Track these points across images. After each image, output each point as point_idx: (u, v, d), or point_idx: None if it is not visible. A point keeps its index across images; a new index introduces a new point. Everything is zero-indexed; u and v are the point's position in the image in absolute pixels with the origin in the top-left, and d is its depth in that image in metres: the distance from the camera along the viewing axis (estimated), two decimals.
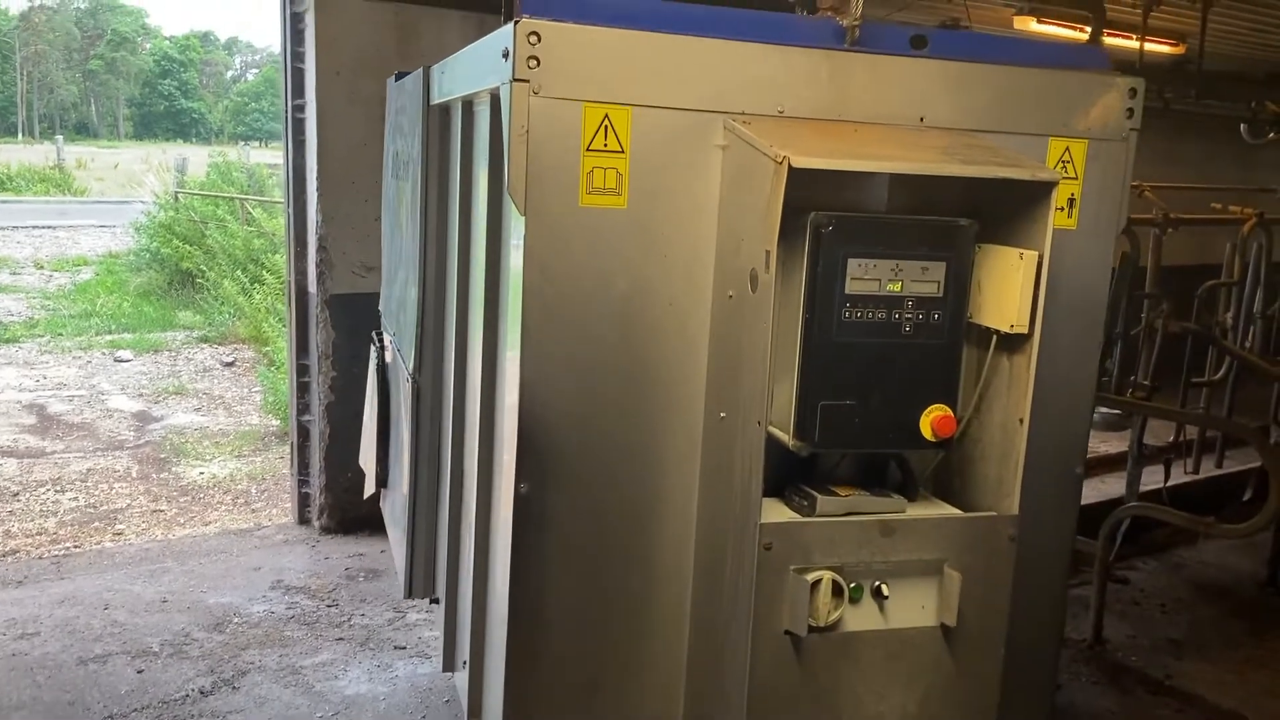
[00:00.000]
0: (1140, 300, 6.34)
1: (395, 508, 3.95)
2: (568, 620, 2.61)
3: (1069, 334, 2.88)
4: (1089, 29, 6.08)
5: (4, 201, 28.19)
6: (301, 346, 6.54)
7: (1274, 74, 8.34)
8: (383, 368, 4.24)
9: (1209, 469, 7.50)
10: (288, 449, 7.66)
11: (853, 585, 2.38)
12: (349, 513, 6.53)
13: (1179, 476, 7.18)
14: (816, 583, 2.33)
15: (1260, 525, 4.78)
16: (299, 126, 6.25)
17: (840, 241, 2.29)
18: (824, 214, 2.29)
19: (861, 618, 2.42)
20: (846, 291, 2.30)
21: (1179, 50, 7.06)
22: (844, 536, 2.38)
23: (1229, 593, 6.08)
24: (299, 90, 6.21)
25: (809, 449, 2.37)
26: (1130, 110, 2.79)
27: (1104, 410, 7.18)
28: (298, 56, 6.18)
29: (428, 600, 3.72)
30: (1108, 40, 6.13)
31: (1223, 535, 4.97)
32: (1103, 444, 7.84)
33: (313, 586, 5.72)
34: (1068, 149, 2.76)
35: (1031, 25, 6.38)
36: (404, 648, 5.05)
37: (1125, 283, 6.26)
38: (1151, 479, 6.78)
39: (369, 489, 4.21)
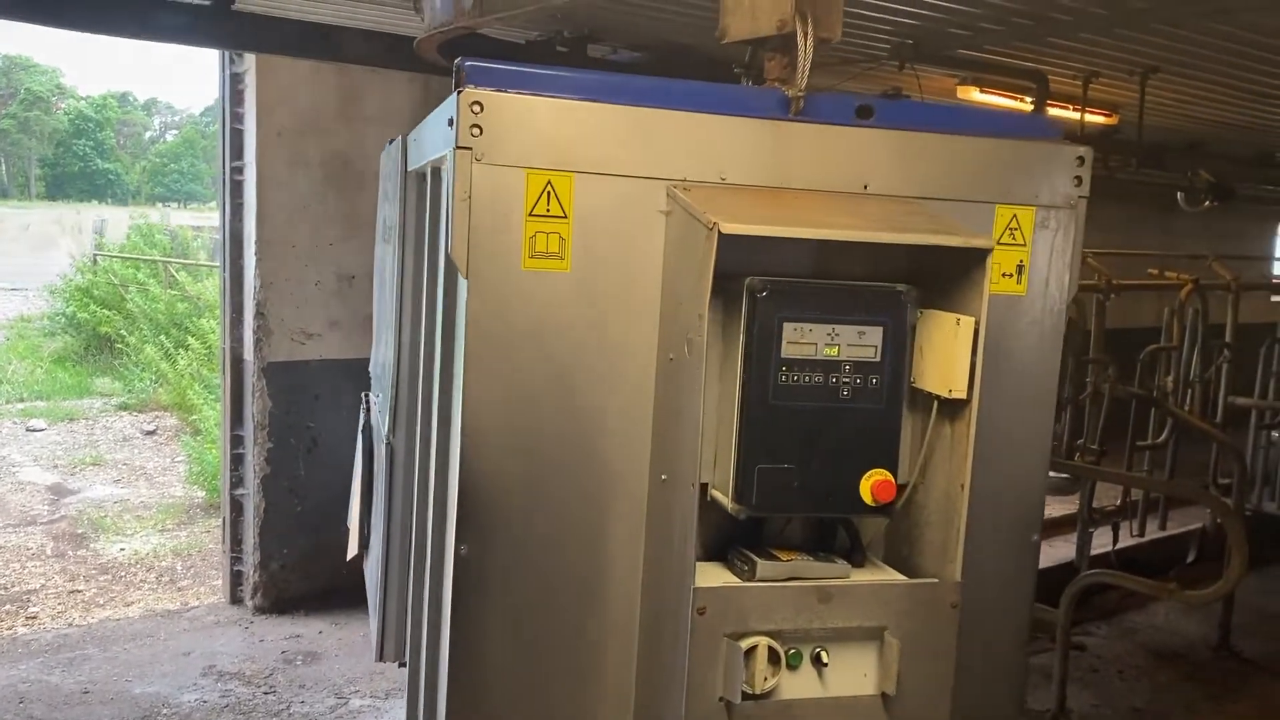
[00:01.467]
0: (1086, 365, 6.41)
1: (372, 570, 3.87)
2: (510, 686, 2.56)
3: (1020, 400, 2.85)
4: (1032, 100, 6.20)
5: None
6: (236, 416, 6.26)
7: (1198, 144, 8.62)
8: (368, 429, 4.20)
9: (1153, 531, 7.55)
10: (215, 523, 7.32)
11: (791, 652, 2.36)
12: (285, 591, 6.22)
13: (1124, 539, 7.22)
14: (752, 649, 2.32)
15: (1224, 591, 4.78)
16: (237, 189, 6.05)
17: (775, 306, 2.32)
18: (759, 279, 2.33)
19: (800, 685, 2.39)
20: (783, 355, 2.33)
21: (1112, 121, 7.25)
22: (780, 602, 2.37)
23: (1183, 657, 6.08)
24: (238, 152, 6.02)
25: (746, 512, 2.36)
26: (1078, 178, 2.81)
27: (1052, 474, 7.22)
28: (237, 117, 6.00)
29: (397, 664, 3.64)
30: (1049, 111, 6.24)
31: (1186, 601, 4.96)
32: (1047, 507, 7.84)
33: (247, 672, 5.40)
34: (1015, 216, 2.77)
35: (974, 95, 6.49)
36: None
37: (1072, 348, 6.33)
38: (1098, 541, 6.81)
39: (351, 550, 4.14)
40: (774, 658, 2.33)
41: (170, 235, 18.22)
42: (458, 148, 2.34)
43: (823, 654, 2.37)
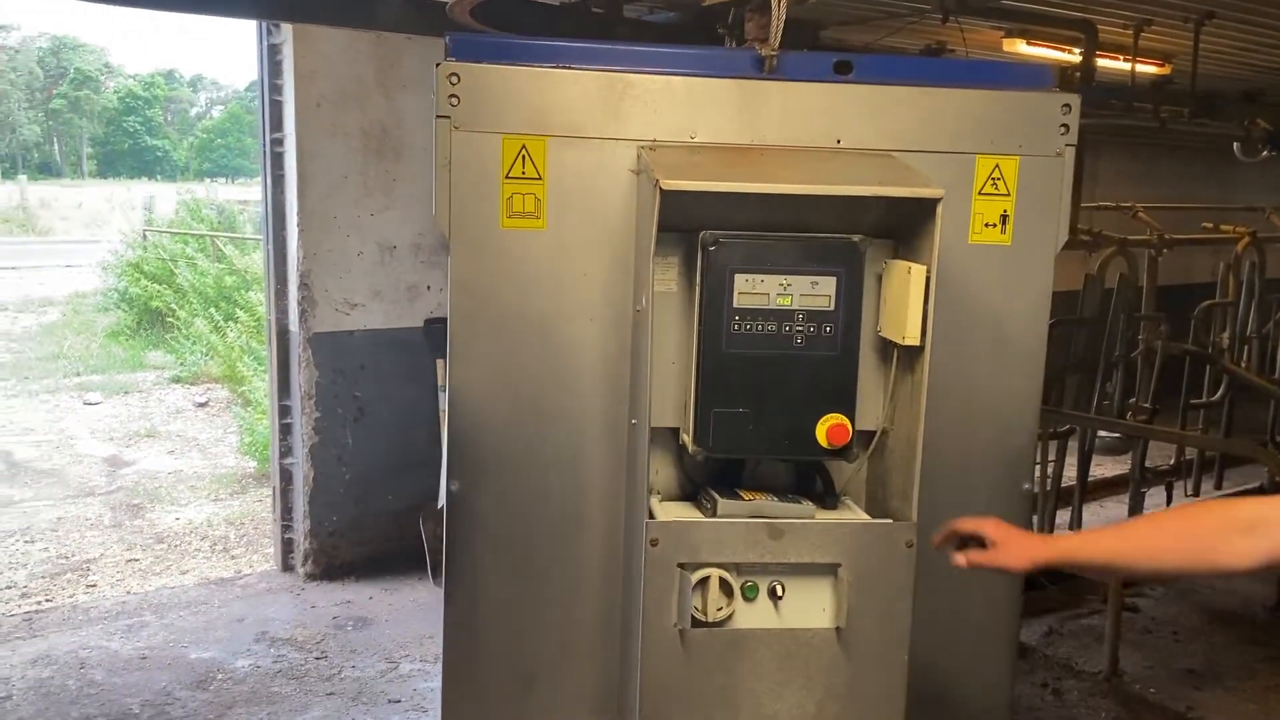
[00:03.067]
0: (1138, 322, 6.27)
1: None
2: (501, 614, 2.76)
3: (1005, 348, 2.88)
4: (1080, 51, 6.04)
5: None
6: (283, 387, 6.32)
7: (1255, 92, 8.35)
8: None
9: (1208, 490, 7.41)
10: (266, 492, 7.43)
11: (747, 584, 2.47)
12: (335, 558, 6.31)
13: (1179, 498, 7.10)
14: (705, 579, 2.43)
15: None
16: (278, 160, 6.07)
17: (726, 258, 2.44)
18: (711, 233, 2.43)
19: (756, 616, 2.50)
20: (735, 305, 2.45)
21: (1165, 71, 7.04)
22: (731, 537, 2.47)
23: (1240, 618, 5.97)
24: (277, 123, 6.04)
25: (704, 454, 2.51)
26: (1065, 126, 2.78)
27: (1105, 434, 7.11)
28: (275, 89, 6.01)
29: None
30: (1097, 62, 6.07)
31: None
32: (1099, 468, 7.74)
33: (299, 638, 5.49)
34: (998, 166, 2.77)
35: (1020, 48, 6.33)
36: (399, 701, 4.84)
37: (1123, 304, 6.20)
38: (1152, 502, 6.70)
39: (441, 500, 4.28)
40: (727, 589, 2.44)
41: (216, 210, 18.43)
42: (437, 117, 2.54)
43: (778, 588, 2.48)
